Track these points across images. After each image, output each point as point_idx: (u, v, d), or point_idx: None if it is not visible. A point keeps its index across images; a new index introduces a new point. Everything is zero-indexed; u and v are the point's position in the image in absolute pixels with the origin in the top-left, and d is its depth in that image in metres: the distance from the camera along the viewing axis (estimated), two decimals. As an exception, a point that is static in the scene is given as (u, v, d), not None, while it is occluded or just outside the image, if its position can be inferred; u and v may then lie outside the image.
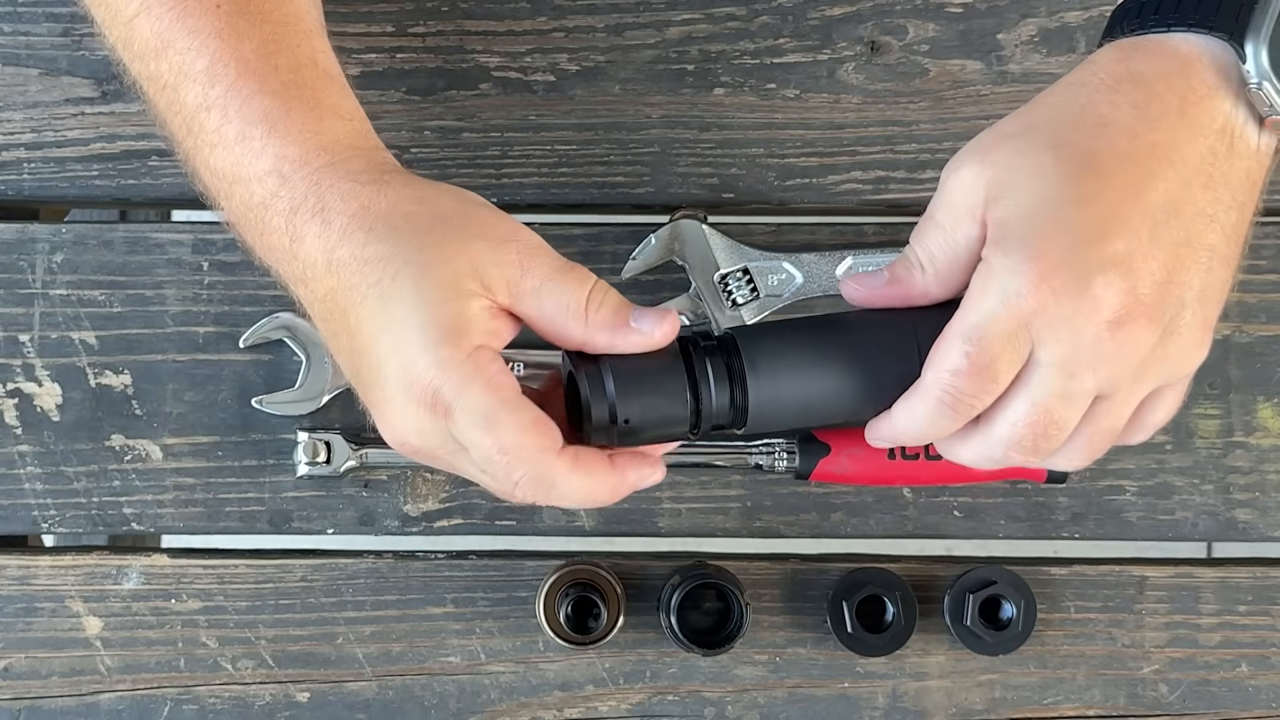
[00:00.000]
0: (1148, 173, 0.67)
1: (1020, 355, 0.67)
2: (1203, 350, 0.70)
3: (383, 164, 0.72)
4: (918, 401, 0.69)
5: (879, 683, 0.93)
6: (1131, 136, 0.68)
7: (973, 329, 0.67)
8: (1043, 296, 0.66)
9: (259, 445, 0.93)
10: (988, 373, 0.67)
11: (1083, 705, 0.94)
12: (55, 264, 0.93)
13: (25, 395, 0.92)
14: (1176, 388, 0.72)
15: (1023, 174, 0.68)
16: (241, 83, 0.70)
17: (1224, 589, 0.94)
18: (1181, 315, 0.68)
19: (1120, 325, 0.66)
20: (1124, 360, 0.67)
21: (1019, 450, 0.69)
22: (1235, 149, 0.69)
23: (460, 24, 0.94)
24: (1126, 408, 0.70)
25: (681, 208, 0.94)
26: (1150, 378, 0.69)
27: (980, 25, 0.95)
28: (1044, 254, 0.66)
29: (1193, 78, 0.69)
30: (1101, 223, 0.66)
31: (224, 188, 0.72)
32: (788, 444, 0.92)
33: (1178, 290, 0.68)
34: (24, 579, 0.92)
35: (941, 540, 0.96)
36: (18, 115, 0.93)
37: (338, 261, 0.68)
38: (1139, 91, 0.69)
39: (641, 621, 0.93)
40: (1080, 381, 0.67)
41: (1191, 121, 0.68)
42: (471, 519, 0.93)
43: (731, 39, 0.95)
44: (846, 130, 0.95)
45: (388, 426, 0.70)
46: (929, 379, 0.69)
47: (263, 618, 0.93)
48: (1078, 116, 0.69)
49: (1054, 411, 0.68)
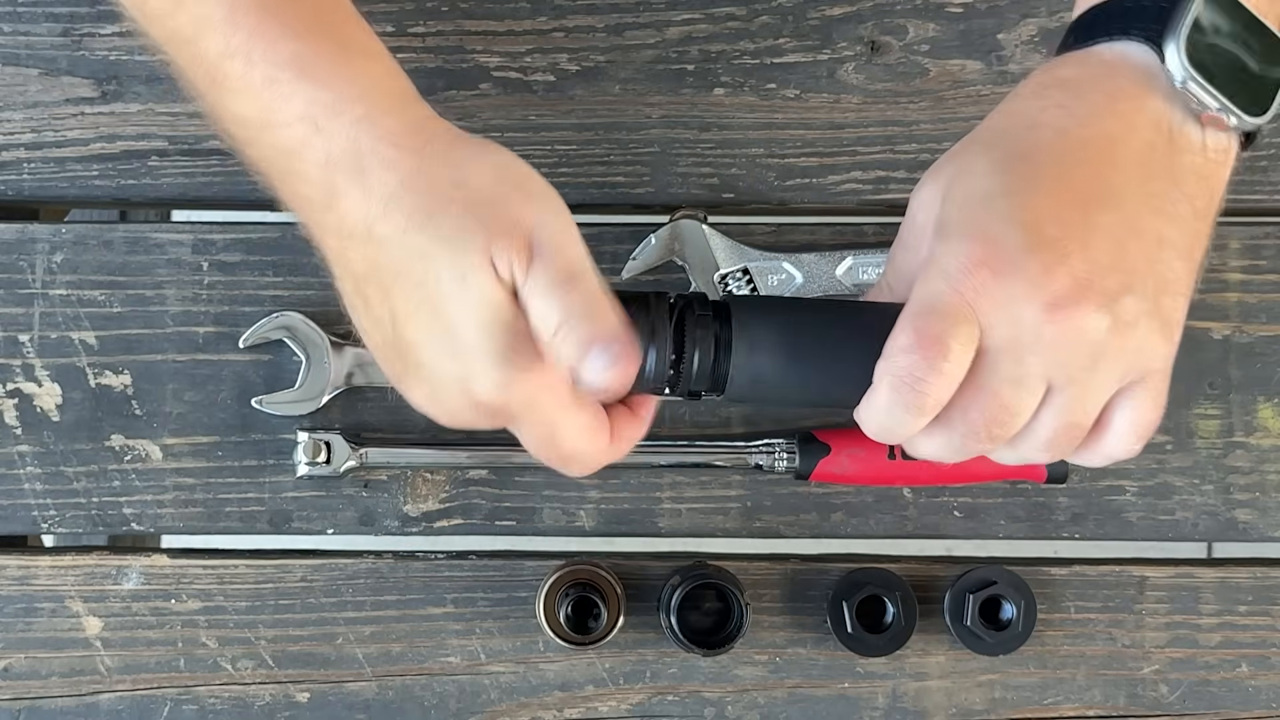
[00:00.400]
0: (1079, 163, 0.69)
1: (970, 337, 0.67)
2: (1166, 343, 0.69)
3: (419, 122, 0.71)
4: (874, 388, 0.69)
5: (879, 683, 0.93)
6: (1060, 133, 0.69)
7: (918, 307, 0.68)
8: (982, 277, 0.67)
9: (259, 445, 0.93)
10: (937, 348, 0.67)
11: (1083, 705, 0.94)
12: (55, 264, 0.93)
13: (25, 395, 0.92)
14: (1147, 388, 0.70)
15: (961, 176, 0.70)
16: (265, 26, 0.69)
17: (1224, 589, 0.94)
18: (1131, 304, 0.68)
19: (1059, 307, 0.66)
20: (1070, 346, 0.67)
21: (973, 438, 0.69)
22: (1176, 144, 0.70)
23: (460, 24, 0.94)
24: (1088, 403, 0.70)
25: (681, 208, 0.94)
26: (1108, 370, 0.69)
27: (980, 25, 0.95)
28: (979, 237, 0.67)
29: (1120, 78, 0.70)
30: (1033, 209, 0.67)
31: (250, 135, 0.71)
32: (788, 444, 0.92)
33: (1123, 277, 0.68)
34: (24, 579, 0.93)
35: (941, 540, 0.96)
36: (18, 115, 0.93)
37: (379, 237, 0.69)
38: (1064, 93, 0.70)
39: (641, 621, 0.93)
40: (1026, 366, 0.67)
41: (1122, 117, 0.69)
42: (471, 519, 0.94)
43: (731, 39, 0.95)
44: (846, 130, 0.95)
45: (430, 403, 0.72)
46: (881, 366, 0.69)
47: (263, 618, 0.93)
48: (1009, 122, 0.71)
49: (1002, 396, 0.68)
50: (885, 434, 0.70)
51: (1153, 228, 0.69)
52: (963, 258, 0.67)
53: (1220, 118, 0.69)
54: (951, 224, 0.69)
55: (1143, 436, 0.72)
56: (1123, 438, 0.71)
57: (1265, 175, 0.95)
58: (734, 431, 0.94)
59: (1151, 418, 0.71)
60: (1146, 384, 0.70)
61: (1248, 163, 0.95)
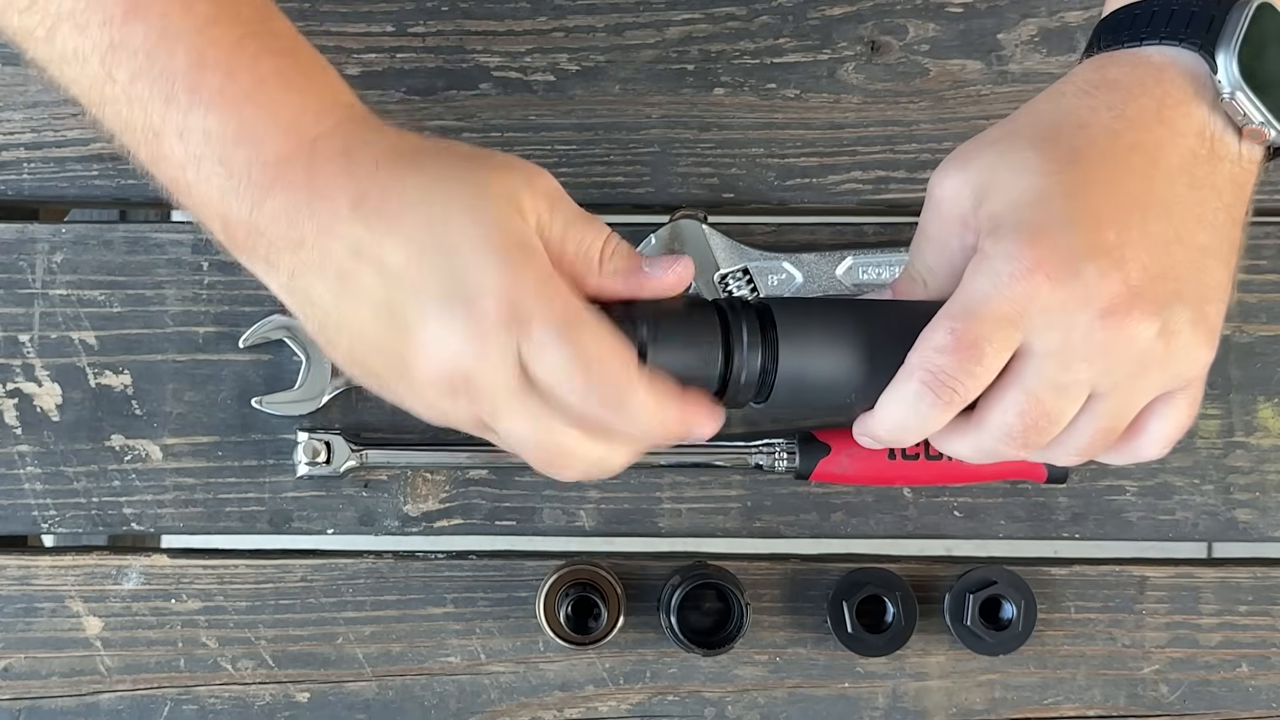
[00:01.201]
0: (1131, 170, 0.68)
1: (1009, 341, 0.67)
2: (1209, 351, 0.69)
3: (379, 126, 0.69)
4: (901, 382, 0.68)
5: (879, 683, 0.93)
6: (1112, 136, 0.69)
7: (961, 308, 0.67)
8: (1036, 282, 0.66)
9: (259, 445, 0.93)
10: (972, 352, 0.66)
11: (1083, 705, 0.94)
12: (55, 264, 0.93)
13: (25, 395, 0.92)
14: (1186, 395, 0.71)
15: (1007, 172, 0.68)
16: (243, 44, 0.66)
17: (1224, 589, 0.94)
18: (1179, 312, 0.68)
19: (1113, 314, 0.66)
20: (1119, 353, 0.67)
21: (1009, 442, 0.69)
22: (1216, 153, 0.70)
23: (460, 24, 0.95)
24: (1128, 408, 0.70)
25: (681, 208, 0.94)
26: (1153, 377, 0.69)
27: (980, 25, 0.95)
28: (1037, 240, 0.66)
29: (1167, 84, 0.70)
30: (1092, 213, 0.67)
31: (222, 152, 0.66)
32: (788, 444, 0.92)
33: (1172, 285, 0.67)
34: (24, 579, 0.93)
35: (941, 540, 0.96)
36: (18, 115, 0.93)
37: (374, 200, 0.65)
38: (1115, 95, 0.70)
39: (641, 621, 0.93)
40: (1074, 373, 0.67)
41: (1169, 124, 0.69)
42: (471, 519, 0.94)
43: (731, 39, 0.95)
44: (846, 130, 0.95)
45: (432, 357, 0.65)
46: (913, 359, 0.68)
47: (263, 618, 0.93)
48: (1057, 120, 0.70)
49: (1046, 402, 0.68)
50: (902, 430, 0.69)
51: (1197, 236, 0.69)
52: (1020, 261, 0.66)
53: (1261, 131, 0.69)
54: (1005, 222, 0.67)
55: (1174, 440, 0.72)
56: (1156, 443, 0.72)
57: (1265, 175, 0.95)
58: (734, 431, 0.94)
59: (1186, 423, 0.71)
60: (1187, 391, 0.71)
61: (1248, 163, 0.95)
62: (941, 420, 0.69)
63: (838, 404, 0.71)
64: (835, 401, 0.71)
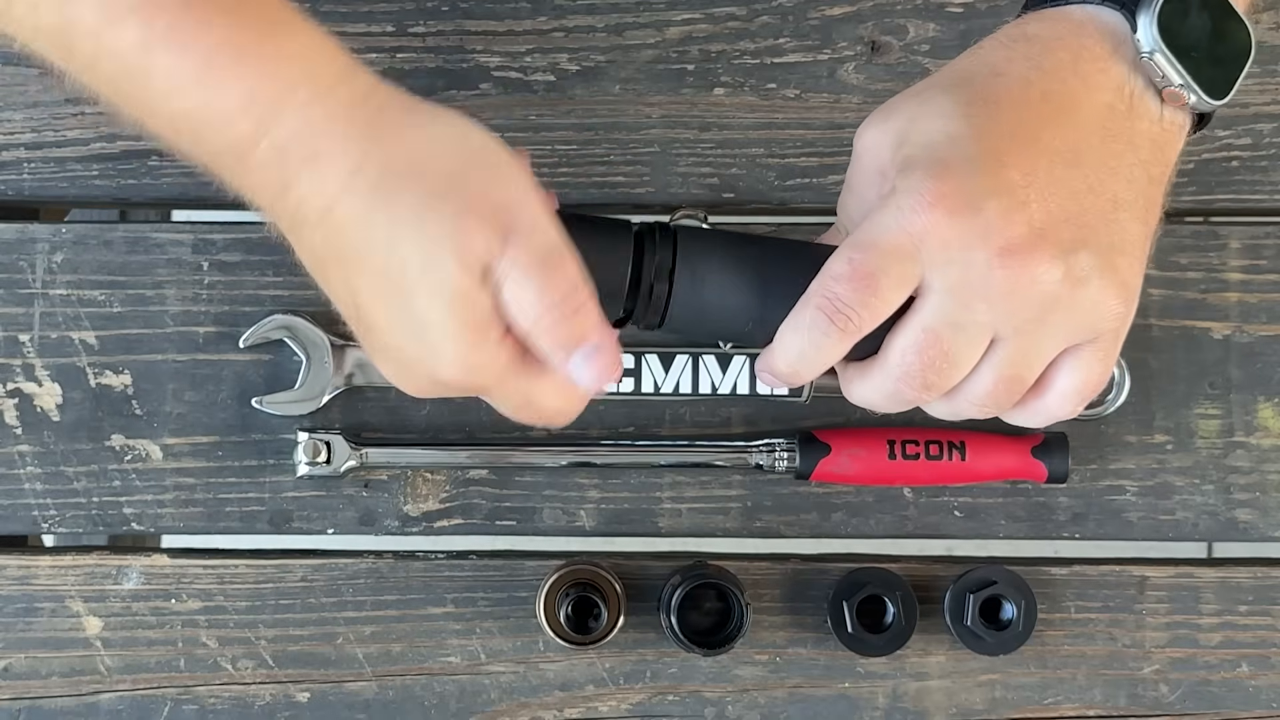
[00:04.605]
0: (1041, 116, 0.69)
1: (907, 274, 0.67)
2: (1120, 303, 0.69)
3: (366, 91, 0.68)
4: (798, 311, 0.69)
5: (879, 683, 0.93)
6: (1025, 84, 0.69)
7: (862, 239, 0.68)
8: (935, 216, 0.66)
9: (259, 445, 0.93)
10: (868, 281, 0.67)
11: (1083, 705, 0.94)
12: (55, 264, 0.93)
13: (25, 395, 0.92)
14: (1096, 348, 0.70)
15: (923, 119, 0.70)
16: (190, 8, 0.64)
17: (1224, 589, 0.94)
18: (1084, 259, 0.67)
19: (1013, 253, 0.66)
20: (1021, 295, 0.67)
21: (909, 382, 0.69)
22: (1135, 110, 0.70)
23: (460, 24, 0.95)
24: (1033, 358, 0.69)
25: (681, 208, 0.94)
26: (1058, 324, 0.68)
27: (980, 25, 0.95)
28: (941, 176, 0.67)
29: (1086, 39, 0.70)
30: (998, 154, 0.67)
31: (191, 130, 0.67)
32: (788, 444, 0.92)
33: (1079, 231, 0.67)
34: (24, 579, 0.93)
35: (941, 540, 0.96)
36: (18, 115, 0.93)
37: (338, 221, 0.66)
38: (1033, 48, 0.70)
39: (641, 621, 0.93)
40: (973, 312, 0.67)
41: (1084, 78, 0.70)
42: (471, 519, 0.94)
43: (731, 39, 0.95)
44: (847, 130, 0.94)
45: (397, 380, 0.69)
46: (812, 287, 0.69)
47: (263, 618, 0.93)
48: (974, 69, 0.71)
49: (944, 341, 0.68)
50: (799, 359, 0.70)
51: (1109, 187, 0.69)
52: (921, 193, 0.67)
53: (1180, 94, 0.70)
54: (915, 160, 0.68)
55: (1085, 398, 0.71)
56: (1065, 397, 0.71)
57: (1265, 175, 0.95)
58: (734, 431, 0.94)
59: (1097, 380, 0.71)
60: (1096, 344, 0.70)
61: (1247, 163, 0.95)
62: (838, 351, 0.69)
63: (737, 331, 0.72)
64: (735, 329, 0.72)
